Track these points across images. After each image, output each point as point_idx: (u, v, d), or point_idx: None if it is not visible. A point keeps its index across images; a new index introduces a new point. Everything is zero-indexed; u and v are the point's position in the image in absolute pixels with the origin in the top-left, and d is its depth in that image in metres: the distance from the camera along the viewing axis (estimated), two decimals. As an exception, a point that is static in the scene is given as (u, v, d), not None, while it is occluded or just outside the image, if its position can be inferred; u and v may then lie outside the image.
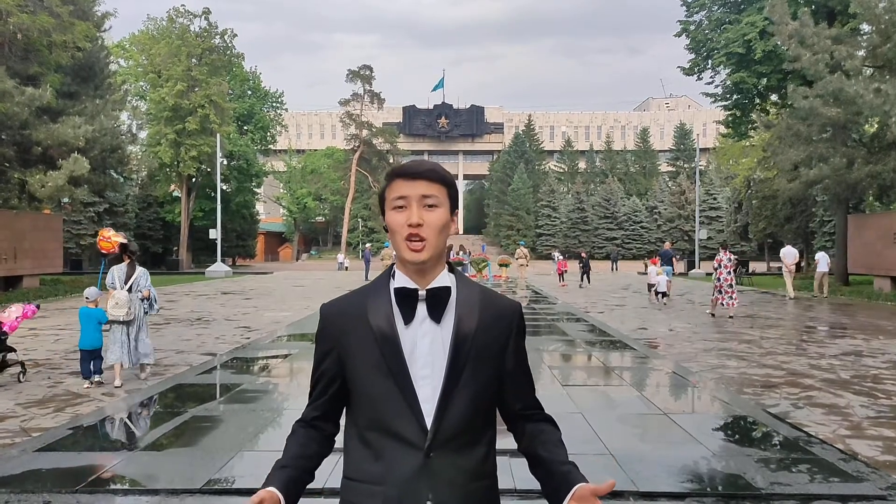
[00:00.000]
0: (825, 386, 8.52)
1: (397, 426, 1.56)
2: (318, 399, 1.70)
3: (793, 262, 23.46)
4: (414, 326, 1.59)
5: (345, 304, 1.68)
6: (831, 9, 26.18)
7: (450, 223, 1.62)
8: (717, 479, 5.06)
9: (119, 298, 8.57)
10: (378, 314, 1.60)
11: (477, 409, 1.60)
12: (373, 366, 1.58)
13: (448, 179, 1.62)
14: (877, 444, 6.03)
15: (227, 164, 53.08)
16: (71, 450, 5.70)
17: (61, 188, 23.59)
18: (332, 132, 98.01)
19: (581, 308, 19.15)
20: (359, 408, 1.63)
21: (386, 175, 1.66)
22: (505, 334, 1.66)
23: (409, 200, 1.58)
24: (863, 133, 25.88)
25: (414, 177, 1.59)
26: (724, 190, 71.40)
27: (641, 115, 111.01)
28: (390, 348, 1.57)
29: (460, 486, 1.56)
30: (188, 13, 50.21)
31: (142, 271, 9.01)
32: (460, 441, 1.57)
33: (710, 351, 11.47)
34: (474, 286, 1.68)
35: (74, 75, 28.65)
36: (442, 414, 1.55)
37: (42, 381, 8.87)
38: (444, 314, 1.60)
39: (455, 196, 1.65)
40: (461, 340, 1.58)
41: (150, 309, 9.16)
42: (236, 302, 21.62)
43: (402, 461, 1.55)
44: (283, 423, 6.74)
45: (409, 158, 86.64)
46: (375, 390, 1.58)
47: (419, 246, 1.57)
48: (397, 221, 1.59)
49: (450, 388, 1.56)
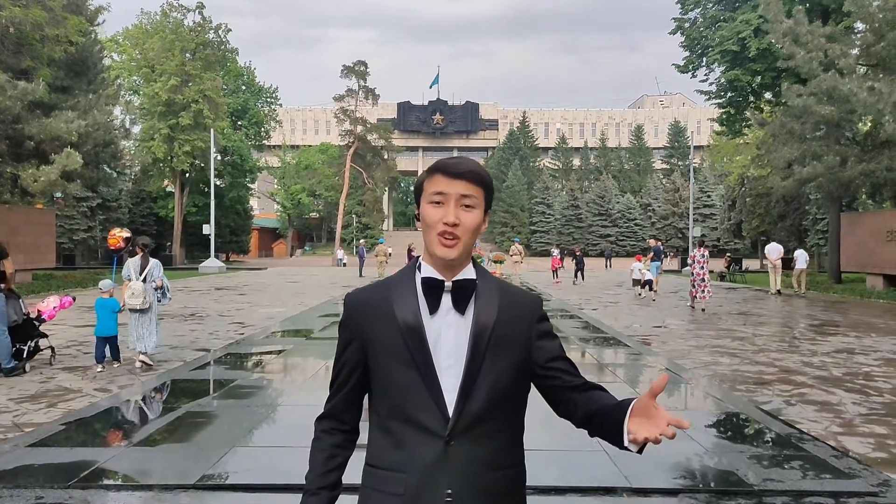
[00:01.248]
0: (817, 383, 8.56)
1: (419, 415, 1.58)
2: (340, 390, 1.72)
3: (777, 257, 23.98)
4: (439, 317, 1.62)
5: (370, 293, 1.70)
6: (825, 7, 26.23)
7: (482, 224, 1.66)
8: (709, 476, 5.08)
9: (135, 289, 9.19)
10: (403, 304, 1.63)
11: (497, 398, 1.61)
12: (397, 355, 1.61)
13: (487, 181, 1.65)
14: (868, 441, 6.06)
15: (220, 160, 52.97)
16: (63, 445, 5.69)
17: (54, 183, 23.47)
18: (327, 128, 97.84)
19: (575, 305, 19.19)
20: (381, 397, 1.65)
21: (428, 168, 1.69)
22: (526, 326, 1.68)
23: (448, 198, 1.61)
24: (856, 131, 25.95)
25: (455, 176, 1.62)
26: (718, 187, 71.54)
27: (636, 112, 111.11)
28: (415, 338, 1.59)
29: (478, 475, 1.58)
30: (182, 8, 50.03)
31: (155, 263, 9.59)
32: (479, 430, 1.59)
33: (703, 348, 11.50)
34: (494, 280, 1.71)
35: (67, 69, 28.48)
36: (463, 403, 1.58)
37: (34, 376, 8.84)
38: (468, 306, 1.63)
39: (491, 198, 1.68)
40: (480, 331, 1.61)
41: (163, 298, 9.70)
42: (230, 298, 21.57)
43: (422, 449, 1.58)
44: (276, 418, 6.74)
45: (403, 155, 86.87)
46: (399, 379, 1.60)
47: (451, 243, 1.60)
48: (433, 217, 1.61)
49: (471, 378, 1.59)
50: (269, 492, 4.71)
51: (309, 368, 9.46)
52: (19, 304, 9.18)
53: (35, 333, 9.33)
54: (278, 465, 5.23)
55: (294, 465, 5.20)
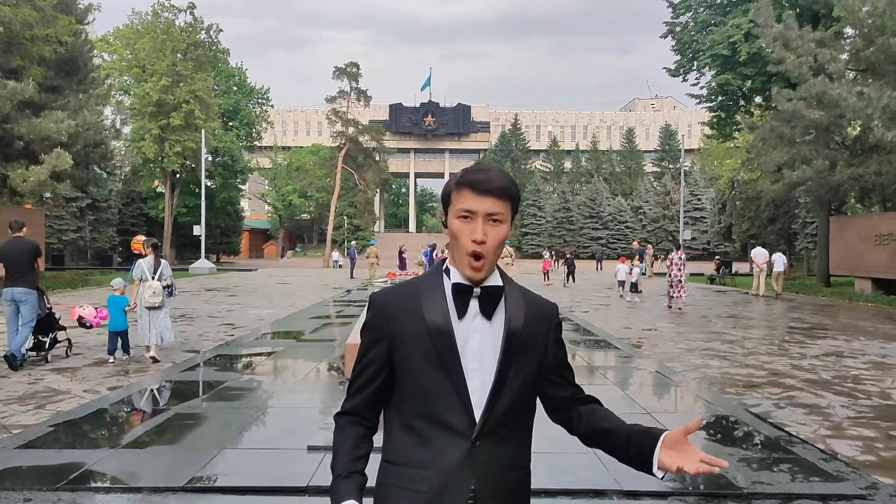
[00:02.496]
0: (806, 386, 8.60)
1: (446, 416, 1.62)
2: (363, 389, 1.72)
3: (763, 261, 24.75)
4: (466, 321, 1.65)
5: (397, 295, 1.72)
6: (815, 12, 26.41)
7: (508, 234, 1.69)
8: (699, 479, 5.09)
9: (155, 288, 9.90)
10: (433, 308, 1.65)
11: (520, 400, 1.67)
12: (425, 357, 1.63)
13: (515, 195, 1.67)
14: (857, 444, 6.09)
15: (211, 161, 52.82)
16: (52, 447, 5.66)
17: (44, 183, 23.35)
18: (318, 129, 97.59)
19: (566, 307, 19.21)
20: (406, 397, 1.67)
21: (457, 180, 1.69)
22: (545, 331, 1.74)
23: (476, 216, 1.63)
24: (845, 136, 26.11)
25: (484, 192, 1.63)
26: (709, 191, 71.84)
27: (627, 115, 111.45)
28: (445, 341, 1.62)
29: (500, 474, 1.64)
30: (173, 8, 49.85)
31: (165, 263, 10.32)
32: (503, 432, 1.65)
33: (694, 351, 11.54)
34: (518, 287, 1.75)
35: (57, 69, 28.33)
36: (492, 405, 1.62)
37: (22, 377, 8.79)
38: (495, 312, 1.67)
39: (517, 207, 1.71)
40: (512, 336, 1.66)
41: (171, 294, 10.41)
42: (220, 299, 21.49)
43: (449, 449, 1.61)
44: (266, 421, 6.71)
45: (395, 157, 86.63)
46: (427, 381, 1.63)
47: (479, 265, 1.63)
48: (461, 231, 1.64)
49: (501, 381, 1.63)
50: (259, 494, 4.68)
51: (300, 370, 9.42)
52: (43, 300, 9.96)
53: (56, 327, 10.15)
54: (268, 467, 5.20)
55: (284, 467, 5.19)
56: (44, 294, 10.01)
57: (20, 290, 9.45)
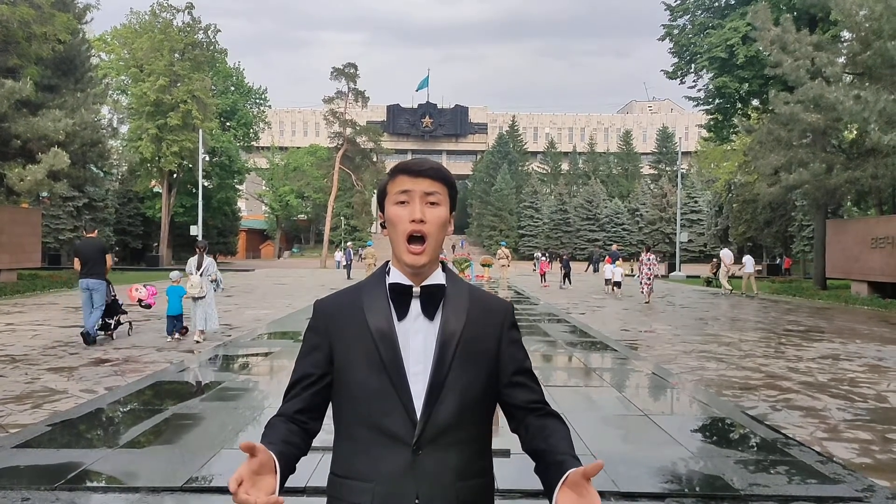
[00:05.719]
0: (803, 388, 8.62)
1: (387, 422, 1.55)
2: (302, 393, 1.65)
3: (730, 262, 27.63)
4: (407, 323, 1.60)
5: (339, 299, 1.69)
6: (813, 16, 26.48)
7: (448, 222, 1.65)
8: (696, 480, 5.11)
9: (193, 281, 11.80)
10: (374, 309, 1.61)
11: (465, 406, 1.58)
12: (367, 360, 1.57)
13: (450, 179, 1.65)
14: (853, 446, 6.11)
15: (208, 161, 52.69)
16: (49, 447, 5.65)
17: (40, 182, 23.30)
18: (316, 130, 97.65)
19: (563, 309, 19.23)
20: (347, 403, 1.61)
21: (390, 171, 1.68)
22: (496, 332, 1.66)
23: (413, 196, 1.60)
24: (842, 139, 26.19)
25: (418, 174, 1.62)
26: (706, 193, 71.98)
27: (625, 117, 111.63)
28: (386, 343, 1.57)
29: (448, 485, 1.55)
30: (171, 8, 49.75)
31: (209, 261, 12.14)
32: (449, 439, 1.56)
33: (690, 353, 11.56)
34: (464, 285, 1.69)
35: (55, 68, 28.30)
36: (430, 410, 1.54)
37: (19, 376, 8.77)
38: (437, 312, 1.61)
39: (455, 196, 1.68)
40: (448, 338, 1.58)
41: (217, 287, 12.41)
42: (218, 299, 21.39)
43: (390, 458, 1.54)
44: (263, 421, 6.68)
45: (392, 158, 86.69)
46: (369, 385, 1.57)
47: (419, 249, 1.58)
48: (399, 215, 1.60)
49: (437, 385, 1.55)
50: (257, 494, 4.68)
51: (297, 371, 9.40)
52: (110, 289, 11.75)
53: (119, 311, 12.05)
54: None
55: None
56: (110, 284, 11.80)
57: (93, 281, 11.37)
